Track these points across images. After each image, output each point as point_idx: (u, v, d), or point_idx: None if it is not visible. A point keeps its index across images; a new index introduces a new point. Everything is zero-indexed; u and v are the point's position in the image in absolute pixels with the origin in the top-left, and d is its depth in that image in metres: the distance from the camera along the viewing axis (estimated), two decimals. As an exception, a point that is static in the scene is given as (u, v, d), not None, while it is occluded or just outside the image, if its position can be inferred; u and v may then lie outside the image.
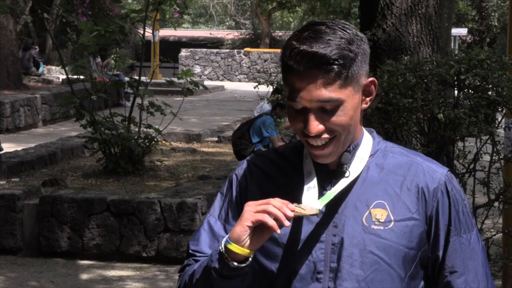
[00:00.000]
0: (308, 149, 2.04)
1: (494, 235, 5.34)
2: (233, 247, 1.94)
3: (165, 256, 7.92)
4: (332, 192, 2.03)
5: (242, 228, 1.94)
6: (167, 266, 7.82)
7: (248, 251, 1.95)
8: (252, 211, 1.94)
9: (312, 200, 2.02)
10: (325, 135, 1.99)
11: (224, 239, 1.97)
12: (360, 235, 2.02)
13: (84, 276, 7.57)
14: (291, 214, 1.93)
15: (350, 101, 2.00)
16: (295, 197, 2.05)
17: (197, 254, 2.13)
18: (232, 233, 1.96)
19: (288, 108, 2.03)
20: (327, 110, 1.98)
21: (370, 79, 2.06)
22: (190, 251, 2.14)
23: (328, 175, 2.07)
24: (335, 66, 1.96)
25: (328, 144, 2.00)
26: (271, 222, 1.92)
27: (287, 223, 1.93)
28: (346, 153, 2.06)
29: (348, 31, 1.99)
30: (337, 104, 1.98)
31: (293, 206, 1.95)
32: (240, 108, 20.94)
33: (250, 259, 1.97)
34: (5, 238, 8.17)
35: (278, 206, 1.93)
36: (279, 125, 8.36)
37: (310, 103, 1.97)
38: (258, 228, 1.94)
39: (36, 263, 7.93)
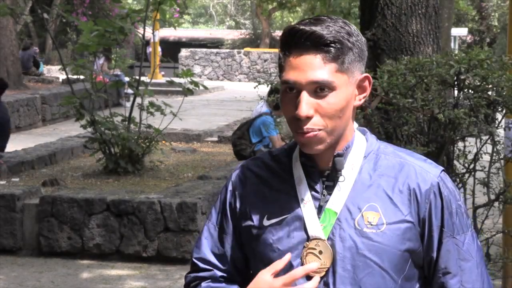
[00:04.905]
0: (296, 137, 2.01)
1: (494, 235, 5.34)
2: None
3: (165, 255, 7.92)
4: (330, 211, 2.03)
5: None
6: (167, 266, 7.82)
7: None
8: None
9: (313, 224, 2.02)
10: (313, 125, 1.96)
11: None
12: (352, 238, 2.00)
13: (84, 276, 7.57)
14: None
15: (344, 90, 1.98)
16: (288, 201, 2.06)
17: (200, 264, 2.15)
18: None
19: (282, 93, 2.01)
20: (319, 94, 1.96)
21: (365, 74, 2.05)
22: (194, 259, 2.17)
23: (320, 178, 2.05)
24: (332, 48, 1.96)
25: (315, 130, 1.97)
26: None
27: None
28: (339, 158, 2.03)
29: (350, 26, 2.00)
30: (330, 87, 1.96)
31: (317, 279, 2.00)
32: (240, 108, 20.91)
33: None
34: (5, 238, 8.18)
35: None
36: (279, 125, 8.36)
37: (304, 83, 1.96)
38: None
39: (36, 263, 7.93)
